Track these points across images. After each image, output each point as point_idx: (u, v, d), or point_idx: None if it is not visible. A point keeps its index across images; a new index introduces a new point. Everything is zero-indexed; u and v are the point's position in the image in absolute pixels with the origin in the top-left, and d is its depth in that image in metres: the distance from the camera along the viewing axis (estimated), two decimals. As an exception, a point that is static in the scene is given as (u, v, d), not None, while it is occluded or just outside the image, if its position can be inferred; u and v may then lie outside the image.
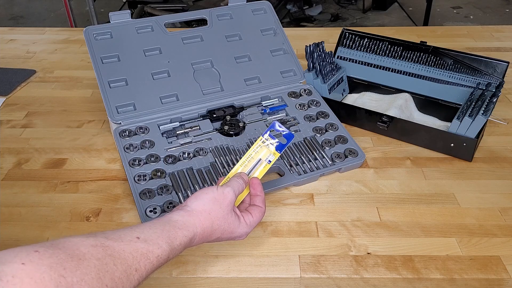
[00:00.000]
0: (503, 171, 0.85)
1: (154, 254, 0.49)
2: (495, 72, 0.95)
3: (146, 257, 0.48)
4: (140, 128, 0.87)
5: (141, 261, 0.48)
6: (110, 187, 0.82)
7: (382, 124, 0.92)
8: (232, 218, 0.60)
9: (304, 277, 0.66)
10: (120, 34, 0.96)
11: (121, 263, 0.45)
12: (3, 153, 0.90)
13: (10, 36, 1.41)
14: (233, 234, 0.61)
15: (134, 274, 0.46)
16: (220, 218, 0.59)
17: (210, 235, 0.59)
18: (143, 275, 0.48)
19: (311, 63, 1.00)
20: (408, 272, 0.66)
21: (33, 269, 0.37)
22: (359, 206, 0.77)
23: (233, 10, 1.05)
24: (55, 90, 1.13)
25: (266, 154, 0.69)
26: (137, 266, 0.47)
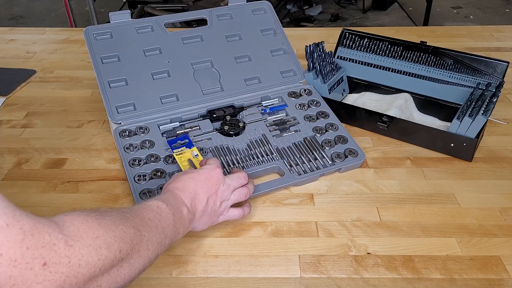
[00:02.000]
0: (503, 171, 0.85)
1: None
2: (495, 72, 0.95)
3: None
4: (140, 128, 0.87)
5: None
6: (110, 187, 0.82)
7: (382, 124, 0.92)
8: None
9: (304, 277, 0.66)
10: (120, 34, 0.96)
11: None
12: (3, 153, 0.90)
13: (10, 36, 1.41)
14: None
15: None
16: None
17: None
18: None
19: (311, 63, 1.00)
20: (408, 272, 0.66)
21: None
22: (359, 206, 0.77)
23: (233, 10, 1.05)
24: (55, 90, 1.13)
25: (188, 155, 0.79)
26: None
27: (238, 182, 0.70)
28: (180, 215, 0.60)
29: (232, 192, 0.69)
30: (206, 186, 0.65)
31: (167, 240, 0.57)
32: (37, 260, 0.38)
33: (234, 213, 0.70)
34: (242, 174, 0.71)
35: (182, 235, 0.61)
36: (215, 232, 0.72)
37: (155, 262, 0.66)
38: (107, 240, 0.45)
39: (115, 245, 0.46)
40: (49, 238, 0.39)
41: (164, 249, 0.57)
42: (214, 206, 0.66)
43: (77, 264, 0.41)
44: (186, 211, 0.61)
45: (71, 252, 0.41)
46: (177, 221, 0.59)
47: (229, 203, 0.68)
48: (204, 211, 0.64)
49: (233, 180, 0.69)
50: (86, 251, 0.42)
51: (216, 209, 0.66)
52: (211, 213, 0.66)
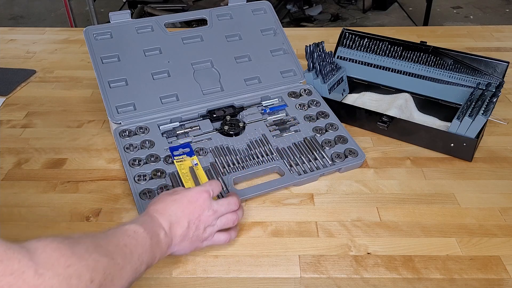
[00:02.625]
0: (503, 171, 0.85)
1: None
2: (495, 72, 0.95)
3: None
4: (140, 128, 0.87)
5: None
6: (110, 187, 0.82)
7: (382, 124, 0.92)
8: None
9: (304, 277, 0.66)
10: (120, 34, 0.96)
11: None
12: (3, 153, 0.90)
13: (10, 36, 1.41)
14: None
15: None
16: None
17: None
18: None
19: (311, 63, 1.00)
20: (408, 272, 0.66)
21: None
22: (359, 206, 0.77)
23: (233, 10, 1.05)
24: (55, 90, 1.13)
25: (188, 163, 0.80)
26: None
27: (227, 208, 0.67)
28: (157, 239, 0.58)
29: (219, 218, 0.66)
30: (188, 210, 0.62)
31: (143, 266, 0.55)
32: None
33: (220, 238, 0.67)
34: (233, 200, 0.68)
35: (159, 259, 0.59)
36: (215, 232, 0.72)
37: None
38: (79, 269, 0.44)
39: (87, 275, 0.44)
40: (18, 265, 0.38)
41: (140, 275, 0.55)
42: (197, 231, 0.63)
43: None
44: (164, 235, 0.59)
45: (40, 282, 0.39)
46: (154, 246, 0.57)
47: (214, 229, 0.65)
48: (184, 236, 0.62)
49: (222, 206, 0.66)
50: (56, 281, 0.41)
51: (199, 234, 0.63)
52: (193, 238, 0.63)
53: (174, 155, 0.81)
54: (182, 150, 0.83)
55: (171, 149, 0.83)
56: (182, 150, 0.83)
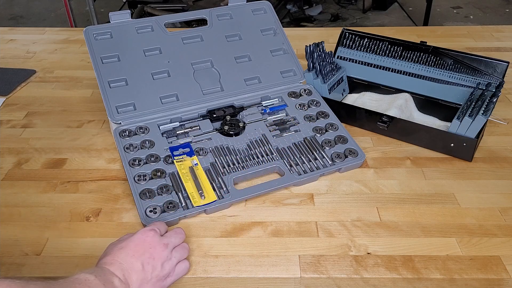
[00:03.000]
0: (503, 171, 0.85)
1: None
2: (495, 72, 0.95)
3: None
4: (140, 128, 0.87)
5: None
6: (110, 187, 0.82)
7: (382, 124, 0.92)
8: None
9: (304, 277, 0.66)
10: (120, 34, 0.96)
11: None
12: (3, 153, 0.90)
13: (10, 36, 1.41)
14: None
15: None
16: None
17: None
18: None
19: (311, 63, 1.00)
20: (408, 272, 0.66)
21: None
22: (359, 206, 0.77)
23: (233, 10, 1.05)
24: (55, 90, 1.13)
25: (188, 163, 0.80)
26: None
27: (177, 239, 0.66)
28: (111, 286, 0.55)
29: (173, 250, 0.64)
30: (138, 252, 0.60)
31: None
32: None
33: (182, 268, 0.64)
34: (179, 229, 0.68)
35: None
36: (215, 232, 0.72)
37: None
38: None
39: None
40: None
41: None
42: (155, 272, 0.60)
43: None
44: (118, 282, 0.56)
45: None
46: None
47: (173, 262, 0.63)
48: (142, 279, 0.59)
49: (172, 237, 0.65)
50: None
51: (158, 274, 0.61)
52: (154, 279, 0.60)
53: (174, 155, 0.81)
54: (182, 150, 0.83)
55: (171, 149, 0.83)
56: (182, 150, 0.83)
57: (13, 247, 0.70)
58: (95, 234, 0.72)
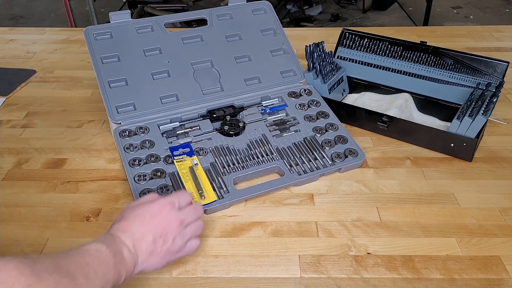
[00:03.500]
0: (503, 171, 0.85)
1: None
2: (495, 72, 0.95)
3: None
4: (140, 128, 0.87)
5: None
6: (110, 187, 0.82)
7: (382, 124, 0.92)
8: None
9: (304, 277, 0.66)
10: (120, 34, 0.96)
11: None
12: (3, 153, 0.90)
13: (10, 36, 1.41)
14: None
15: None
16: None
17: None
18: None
19: (311, 63, 1.00)
20: (408, 272, 0.66)
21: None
22: (359, 206, 0.77)
23: (233, 10, 1.05)
24: (55, 90, 1.13)
25: (188, 163, 0.80)
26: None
27: (194, 216, 0.65)
28: (121, 257, 0.56)
29: (187, 227, 0.64)
30: (151, 224, 0.60)
31: (109, 285, 0.53)
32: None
33: (192, 246, 0.64)
34: (198, 205, 0.67)
35: (126, 278, 0.56)
36: (215, 232, 0.72)
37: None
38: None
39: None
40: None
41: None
42: (166, 245, 0.60)
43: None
44: (127, 252, 0.57)
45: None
46: (118, 264, 0.55)
47: (185, 239, 0.63)
48: (152, 251, 0.59)
49: (189, 214, 0.64)
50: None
51: (168, 248, 0.61)
52: (162, 253, 0.61)
53: (174, 155, 0.81)
54: (182, 150, 0.83)
55: (171, 149, 0.83)
56: (182, 150, 0.83)
57: (13, 247, 0.70)
58: (95, 234, 0.72)
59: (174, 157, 0.81)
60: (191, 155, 0.82)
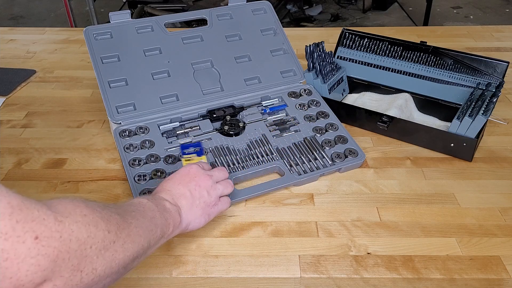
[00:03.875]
0: (503, 171, 0.85)
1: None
2: (495, 72, 0.95)
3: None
4: (140, 128, 0.87)
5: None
6: (110, 187, 0.82)
7: (382, 124, 0.92)
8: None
9: (304, 277, 0.66)
10: (120, 34, 0.96)
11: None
12: (3, 153, 0.90)
13: (10, 36, 1.41)
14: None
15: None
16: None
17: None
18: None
19: (311, 63, 1.00)
20: (408, 272, 0.66)
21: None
22: (359, 206, 0.77)
23: (233, 10, 1.05)
24: (55, 90, 1.13)
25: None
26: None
27: (220, 173, 0.70)
28: (163, 207, 0.60)
29: (217, 182, 0.69)
30: (184, 181, 0.65)
31: (158, 229, 0.56)
32: (29, 234, 0.37)
33: (225, 201, 0.70)
34: (222, 167, 0.72)
35: (174, 227, 0.60)
36: (215, 232, 0.72)
37: (155, 262, 0.67)
38: (95, 218, 0.45)
39: (103, 225, 0.45)
40: (38, 213, 0.39)
41: (157, 239, 0.56)
42: (202, 197, 0.65)
43: (68, 239, 0.40)
44: (169, 204, 0.61)
45: (62, 227, 0.40)
46: (163, 212, 0.59)
47: (218, 192, 0.68)
48: (191, 204, 0.64)
49: (215, 171, 0.70)
50: (75, 227, 0.42)
51: (206, 200, 0.66)
52: (202, 204, 0.65)
53: (184, 152, 0.81)
54: (193, 148, 0.81)
55: (182, 147, 0.82)
56: (194, 149, 0.81)
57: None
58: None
59: (184, 154, 0.80)
60: (200, 154, 0.80)
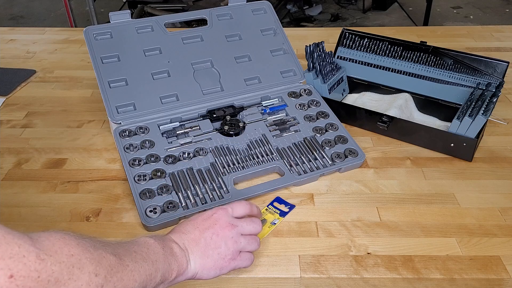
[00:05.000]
0: (503, 171, 0.85)
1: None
2: (495, 72, 0.95)
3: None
4: (140, 128, 0.87)
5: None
6: (110, 187, 0.82)
7: (382, 124, 0.92)
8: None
9: (304, 277, 0.66)
10: (120, 34, 0.96)
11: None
12: (3, 153, 0.90)
13: (10, 36, 1.41)
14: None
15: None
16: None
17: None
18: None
19: (311, 63, 1.00)
20: (408, 272, 0.66)
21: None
22: (359, 206, 0.77)
23: (233, 10, 1.05)
24: (55, 90, 1.13)
25: (271, 217, 0.75)
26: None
27: (249, 226, 0.62)
28: (170, 251, 0.55)
29: (242, 236, 0.61)
30: (203, 226, 0.60)
31: (158, 274, 0.52)
32: (3, 271, 0.36)
33: (247, 257, 0.62)
34: (257, 219, 0.64)
35: (178, 274, 0.55)
36: (215, 232, 0.72)
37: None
38: (82, 260, 0.42)
39: (90, 267, 0.42)
40: (18, 249, 0.37)
41: (155, 285, 0.52)
42: (218, 248, 0.59)
43: (46, 280, 0.38)
44: (177, 248, 0.56)
45: (42, 267, 0.38)
46: (168, 256, 0.54)
47: (239, 246, 0.61)
48: (203, 253, 0.58)
49: (244, 222, 0.62)
50: (57, 268, 0.39)
51: (221, 252, 0.59)
52: (215, 256, 0.59)
53: (274, 205, 0.77)
54: (285, 206, 0.77)
55: (277, 199, 0.78)
56: (285, 206, 0.77)
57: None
58: (95, 234, 0.72)
59: (271, 205, 0.76)
60: (283, 215, 0.75)
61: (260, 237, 0.70)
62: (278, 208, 0.76)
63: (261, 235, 0.71)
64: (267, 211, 0.76)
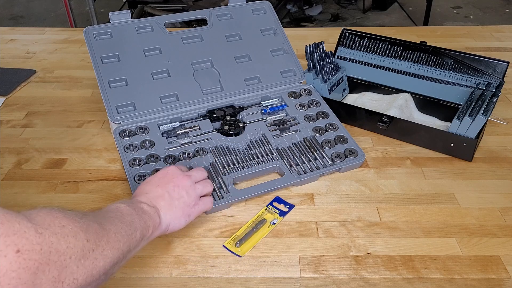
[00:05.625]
0: (503, 171, 0.85)
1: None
2: (495, 72, 0.95)
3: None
4: (140, 128, 0.87)
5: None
6: (110, 187, 0.82)
7: (382, 124, 0.92)
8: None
9: (304, 277, 0.66)
10: (120, 34, 0.96)
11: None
12: (3, 153, 0.90)
13: (10, 36, 1.41)
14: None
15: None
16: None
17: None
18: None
19: (311, 63, 1.00)
20: (408, 272, 0.66)
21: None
22: (359, 206, 0.77)
23: (233, 10, 1.05)
24: (55, 90, 1.13)
25: (270, 217, 0.75)
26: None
27: (198, 173, 0.70)
28: (141, 210, 0.60)
29: (196, 183, 0.69)
30: (162, 183, 0.66)
31: (137, 232, 0.56)
32: (10, 247, 0.38)
33: (207, 201, 0.70)
34: (200, 168, 0.73)
35: (153, 229, 0.60)
36: (215, 232, 0.72)
37: (155, 262, 0.67)
38: (74, 229, 0.45)
39: (82, 234, 0.46)
40: (19, 226, 0.40)
41: (137, 242, 0.56)
42: (182, 198, 0.65)
43: (48, 251, 0.41)
44: (147, 206, 0.61)
45: (42, 240, 0.41)
46: (141, 215, 0.59)
47: (197, 192, 0.68)
48: (170, 205, 0.64)
49: (193, 172, 0.70)
50: (55, 239, 0.42)
51: (185, 200, 0.66)
52: (181, 205, 0.65)
53: (273, 205, 0.77)
54: (283, 206, 0.77)
55: (276, 199, 0.78)
56: (285, 206, 0.77)
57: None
58: (95, 234, 0.72)
59: (271, 205, 0.77)
60: (283, 215, 0.76)
61: (260, 237, 0.71)
62: (277, 208, 0.77)
63: (261, 235, 0.71)
64: (267, 210, 0.76)
